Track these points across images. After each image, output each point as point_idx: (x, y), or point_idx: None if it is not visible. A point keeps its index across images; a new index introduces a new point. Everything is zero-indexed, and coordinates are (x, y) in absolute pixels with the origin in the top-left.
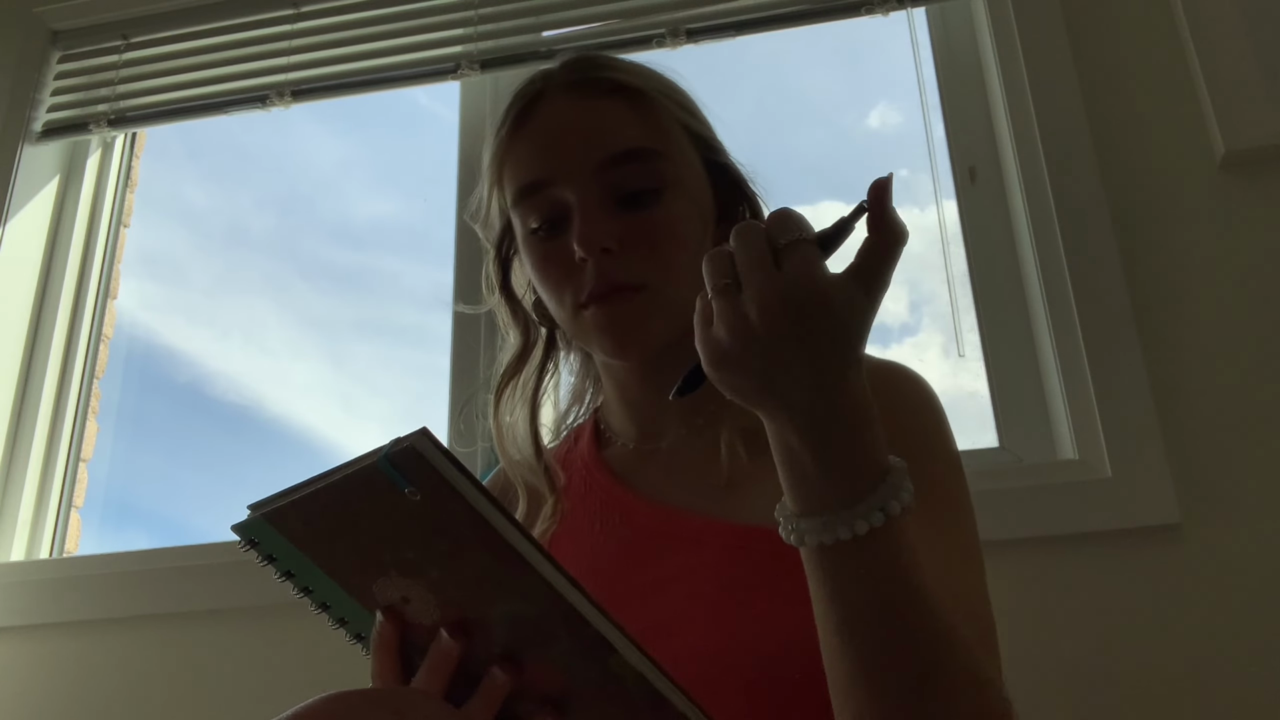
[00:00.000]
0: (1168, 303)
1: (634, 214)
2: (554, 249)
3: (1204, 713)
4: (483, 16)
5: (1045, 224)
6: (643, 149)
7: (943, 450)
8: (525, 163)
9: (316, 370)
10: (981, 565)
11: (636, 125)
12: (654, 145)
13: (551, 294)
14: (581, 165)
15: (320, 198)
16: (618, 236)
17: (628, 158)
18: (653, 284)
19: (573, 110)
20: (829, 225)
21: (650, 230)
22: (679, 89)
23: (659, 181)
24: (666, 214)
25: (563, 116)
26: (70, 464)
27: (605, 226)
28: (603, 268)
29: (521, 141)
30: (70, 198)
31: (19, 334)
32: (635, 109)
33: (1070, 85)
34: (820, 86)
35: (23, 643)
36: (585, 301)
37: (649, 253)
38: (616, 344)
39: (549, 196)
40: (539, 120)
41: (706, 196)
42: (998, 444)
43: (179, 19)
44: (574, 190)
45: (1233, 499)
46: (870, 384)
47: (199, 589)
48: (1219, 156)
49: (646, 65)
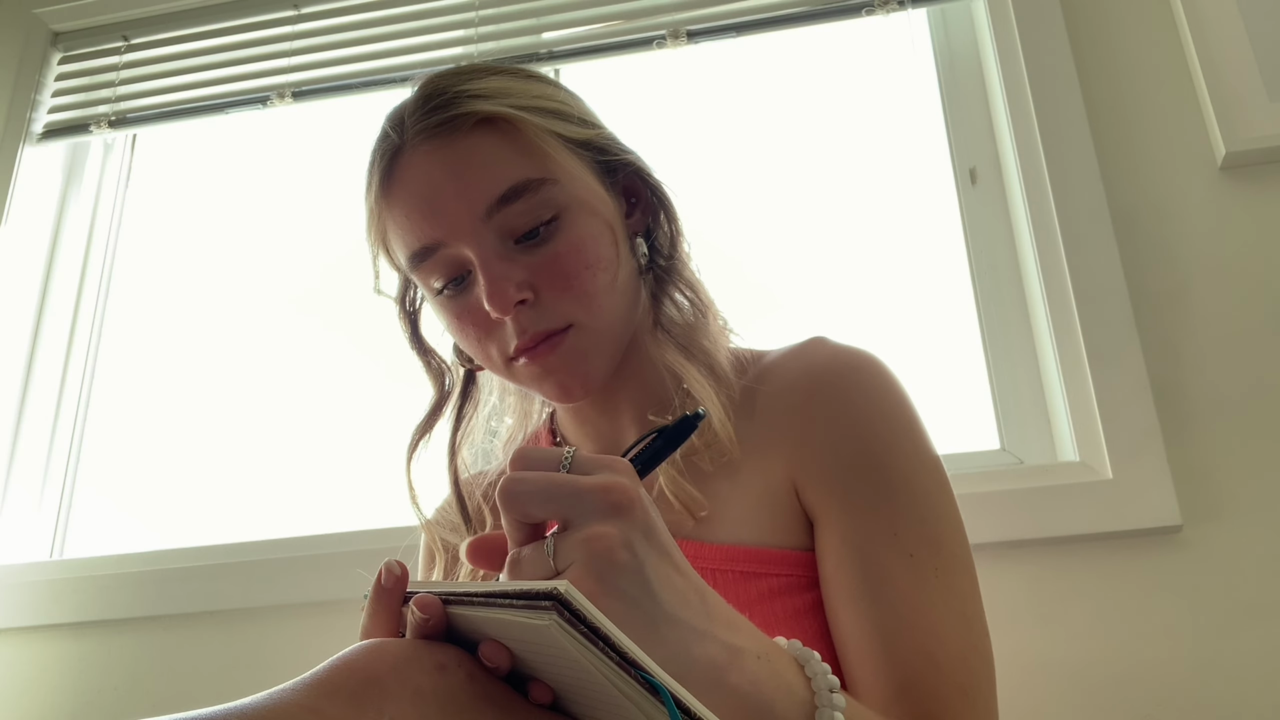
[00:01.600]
0: (1169, 304)
1: (537, 251)
2: (465, 306)
3: (1204, 715)
4: (483, 18)
5: (1046, 225)
6: (524, 182)
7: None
8: (408, 229)
9: (316, 371)
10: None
11: (510, 158)
12: (534, 174)
13: (476, 352)
14: (467, 218)
15: (321, 199)
16: (528, 283)
17: (512, 195)
18: (578, 320)
19: (439, 162)
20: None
21: (557, 264)
22: (546, 94)
23: (552, 209)
24: (570, 241)
25: (431, 172)
26: (70, 464)
27: (512, 279)
28: (522, 322)
29: (396, 206)
30: (71, 199)
31: (20, 335)
32: (504, 139)
33: (1071, 87)
34: (820, 88)
35: (23, 644)
36: (514, 355)
37: (564, 289)
38: (560, 390)
39: (444, 258)
40: (407, 181)
41: (607, 202)
42: (999, 446)
43: (180, 20)
44: (467, 245)
45: (1234, 501)
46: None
47: (199, 590)
48: (1220, 158)
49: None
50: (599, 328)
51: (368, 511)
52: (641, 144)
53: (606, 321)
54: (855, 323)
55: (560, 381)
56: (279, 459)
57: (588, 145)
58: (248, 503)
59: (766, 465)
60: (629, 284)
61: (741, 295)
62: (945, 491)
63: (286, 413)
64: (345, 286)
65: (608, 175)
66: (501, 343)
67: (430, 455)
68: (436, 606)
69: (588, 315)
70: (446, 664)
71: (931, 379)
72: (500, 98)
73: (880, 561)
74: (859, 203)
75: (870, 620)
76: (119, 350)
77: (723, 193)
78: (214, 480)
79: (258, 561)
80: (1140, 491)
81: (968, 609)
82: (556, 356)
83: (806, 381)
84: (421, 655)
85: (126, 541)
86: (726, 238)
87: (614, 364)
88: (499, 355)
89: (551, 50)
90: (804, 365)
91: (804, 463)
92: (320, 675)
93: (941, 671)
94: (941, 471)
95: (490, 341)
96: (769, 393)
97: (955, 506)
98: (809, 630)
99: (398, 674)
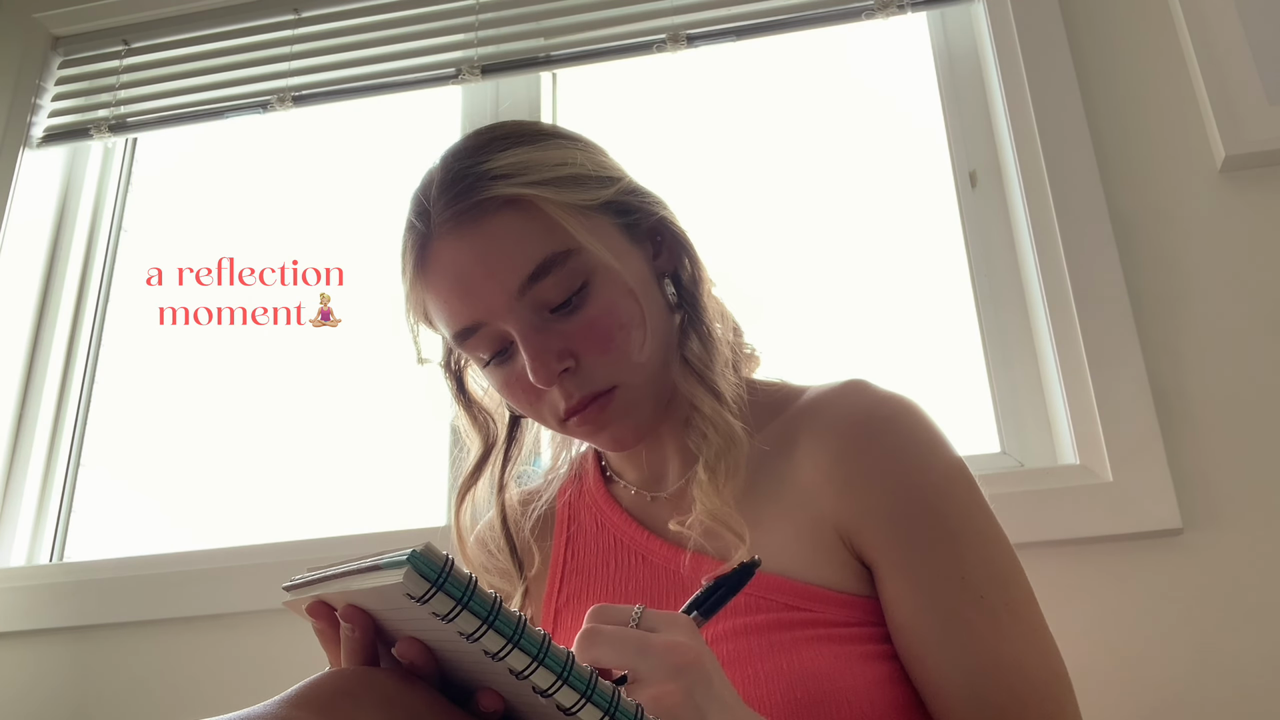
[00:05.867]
0: (1169, 307)
1: (572, 319)
2: (513, 374)
3: (1205, 718)
4: (483, 22)
5: (1046, 228)
6: (550, 257)
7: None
8: (448, 311)
9: (316, 374)
10: (1041, 626)
11: (535, 235)
12: (560, 247)
13: (529, 413)
14: (501, 298)
15: (320, 202)
16: (569, 351)
17: (540, 272)
18: (621, 380)
19: (467, 249)
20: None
21: (594, 330)
22: (564, 159)
23: (581, 277)
24: (602, 305)
25: (460, 259)
26: (71, 468)
27: (552, 349)
28: (568, 387)
29: (432, 290)
30: (71, 203)
31: (20, 339)
32: (527, 217)
33: (1071, 90)
34: (820, 92)
35: (24, 648)
36: (565, 416)
37: (603, 351)
38: (614, 443)
39: (486, 335)
40: (440, 269)
41: (633, 254)
42: (999, 449)
43: (180, 24)
44: (506, 323)
45: (1234, 504)
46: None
47: (200, 594)
48: (1219, 161)
49: (529, 142)
50: (641, 383)
51: (368, 514)
52: (642, 145)
53: (648, 374)
54: (855, 324)
55: (613, 435)
56: (280, 463)
57: (608, 206)
58: (249, 506)
59: (807, 502)
60: (662, 328)
61: (742, 296)
62: (998, 529)
63: (287, 417)
64: (346, 291)
65: (632, 226)
66: (552, 405)
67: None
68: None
69: (629, 374)
70: (409, 683)
71: (932, 382)
72: (519, 175)
73: (954, 607)
74: (859, 206)
75: (956, 665)
76: (120, 355)
77: (723, 196)
78: (215, 484)
79: (260, 565)
80: (1140, 495)
81: (1042, 641)
82: (607, 414)
83: (850, 428)
84: (384, 676)
85: (128, 545)
86: (727, 238)
87: (661, 408)
88: (551, 416)
89: (551, 55)
90: (846, 410)
91: (856, 510)
92: (292, 692)
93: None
94: (990, 510)
95: (541, 404)
96: (810, 433)
97: (1008, 541)
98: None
99: (366, 689)
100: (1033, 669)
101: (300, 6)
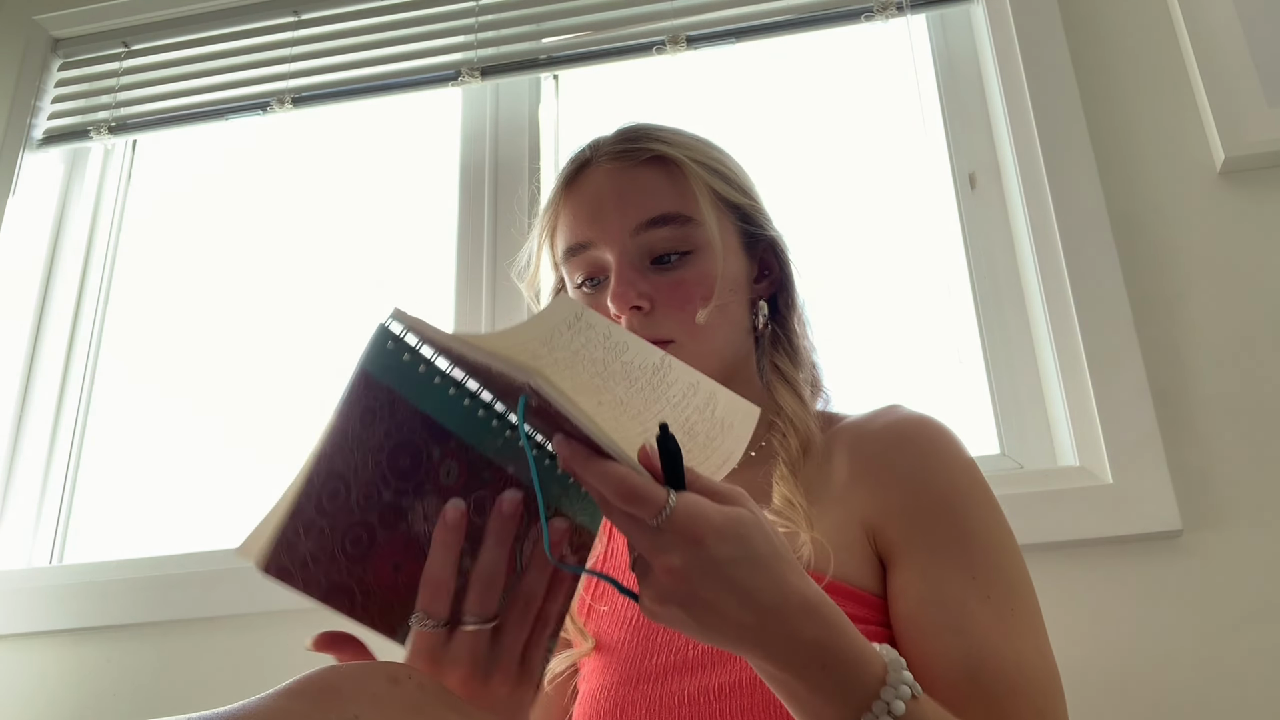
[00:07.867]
0: (1168, 308)
1: (664, 274)
2: (596, 304)
3: (1206, 718)
4: (483, 24)
5: (1045, 230)
6: (673, 214)
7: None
8: (571, 226)
9: (313, 373)
10: (1042, 631)
11: (669, 193)
12: (684, 211)
13: None
14: (618, 229)
15: (319, 204)
16: (648, 295)
17: (659, 222)
18: (680, 338)
19: (611, 180)
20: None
21: (678, 289)
22: (720, 159)
23: (689, 244)
24: (694, 274)
25: (604, 184)
26: (70, 470)
27: (636, 287)
28: (634, 325)
29: (567, 205)
30: (71, 204)
31: (20, 340)
32: (670, 177)
33: (1070, 92)
34: (820, 94)
35: (22, 650)
36: None
37: (677, 310)
38: None
39: (590, 258)
40: (585, 186)
41: (739, 259)
42: (999, 450)
43: (180, 26)
44: (611, 251)
45: (1234, 506)
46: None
47: (199, 596)
48: (1219, 163)
49: (698, 137)
50: (696, 351)
51: None
52: None
53: (704, 349)
54: (855, 326)
55: None
56: (279, 464)
57: (737, 208)
58: (249, 508)
59: (844, 502)
60: (735, 331)
61: None
62: (1012, 539)
63: (286, 417)
64: (346, 291)
65: (749, 242)
66: None
67: None
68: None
69: (689, 337)
70: (398, 677)
71: (932, 384)
72: (679, 147)
73: (960, 599)
74: (859, 208)
75: (957, 651)
76: (119, 356)
77: None
78: (215, 486)
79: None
80: (1140, 496)
81: (1042, 644)
82: None
83: (886, 434)
84: (375, 671)
85: (127, 547)
86: None
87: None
88: None
89: (551, 56)
90: (884, 423)
91: (883, 505)
92: (285, 686)
93: (1021, 699)
94: (1006, 522)
95: None
96: (850, 440)
97: (1020, 553)
98: None
99: (355, 684)
100: (1030, 666)
101: (300, 8)
